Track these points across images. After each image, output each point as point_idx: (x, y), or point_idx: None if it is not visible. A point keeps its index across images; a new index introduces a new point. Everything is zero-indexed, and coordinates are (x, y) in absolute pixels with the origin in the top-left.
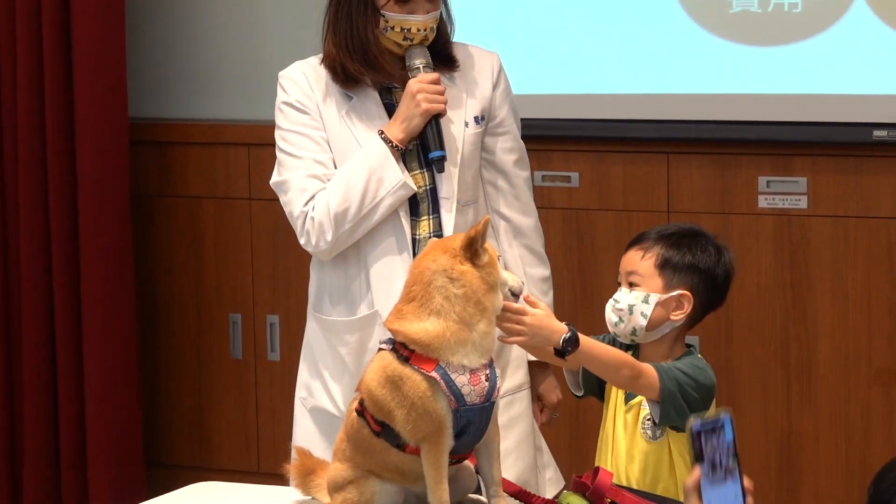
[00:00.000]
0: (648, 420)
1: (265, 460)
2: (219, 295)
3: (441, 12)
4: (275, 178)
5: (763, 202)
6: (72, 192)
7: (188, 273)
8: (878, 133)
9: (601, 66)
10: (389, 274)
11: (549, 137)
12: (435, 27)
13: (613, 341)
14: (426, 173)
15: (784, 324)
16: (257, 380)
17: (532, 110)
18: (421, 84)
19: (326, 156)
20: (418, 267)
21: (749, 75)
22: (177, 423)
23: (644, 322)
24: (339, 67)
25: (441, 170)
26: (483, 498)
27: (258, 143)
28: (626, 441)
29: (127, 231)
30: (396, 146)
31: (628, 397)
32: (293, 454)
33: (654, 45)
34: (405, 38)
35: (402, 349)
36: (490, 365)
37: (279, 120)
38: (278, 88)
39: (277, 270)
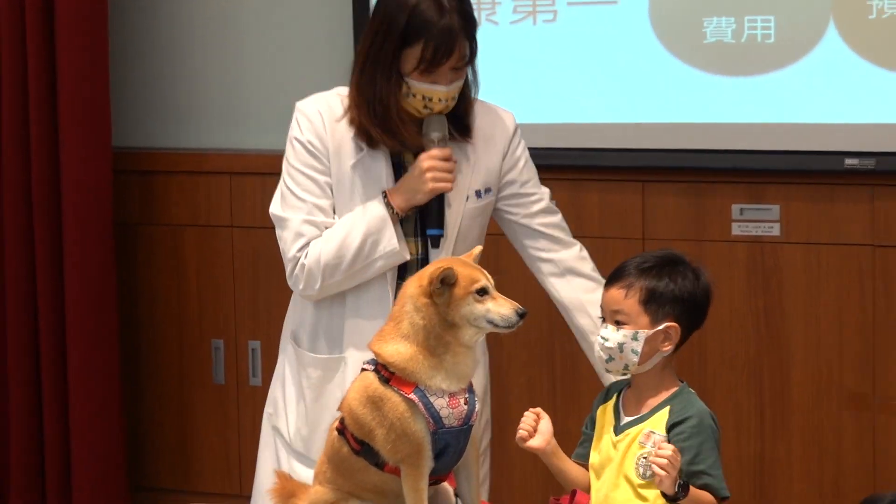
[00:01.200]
0: (644, 458)
1: (247, 484)
2: (201, 321)
3: (467, 75)
4: (275, 209)
5: (736, 229)
6: (56, 220)
7: (171, 300)
8: (849, 161)
9: (578, 95)
10: (363, 328)
11: None
12: (456, 96)
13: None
14: (419, 242)
15: (757, 349)
16: (239, 404)
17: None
18: (432, 162)
19: (327, 202)
20: (403, 289)
21: (723, 105)
22: (160, 448)
23: (636, 358)
24: (359, 128)
25: (436, 245)
26: None
27: (240, 172)
28: (613, 470)
29: (110, 259)
30: (396, 213)
31: (619, 430)
32: (274, 478)
33: (630, 76)
34: (425, 107)
35: (384, 370)
36: (469, 389)
37: (289, 152)
38: (293, 119)
39: (259, 297)
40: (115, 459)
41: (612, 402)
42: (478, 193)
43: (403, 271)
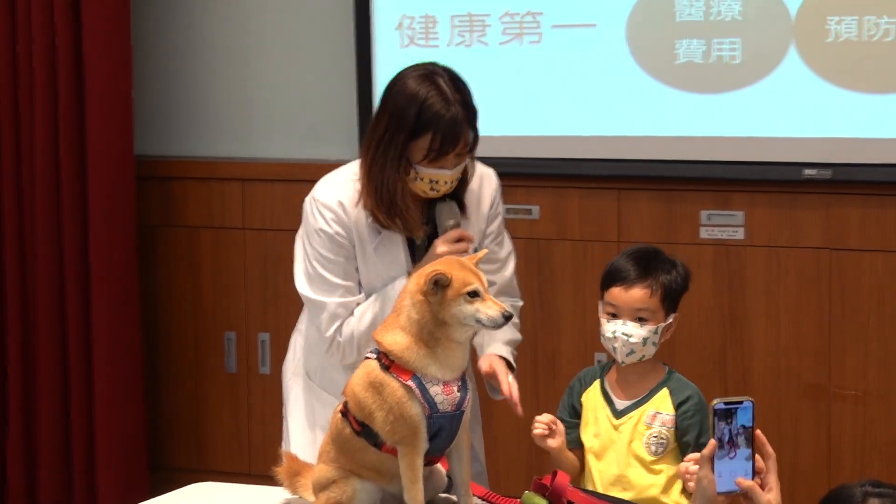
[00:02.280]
0: (655, 437)
1: (256, 463)
2: (214, 315)
3: (466, 163)
4: (306, 291)
5: (704, 233)
6: (83, 222)
7: (187, 295)
8: (807, 172)
9: (560, 110)
10: None
11: (513, 174)
12: (459, 176)
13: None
14: None
15: (722, 343)
16: (249, 391)
17: (498, 149)
18: (446, 247)
19: (355, 283)
20: (407, 283)
21: (692, 119)
22: (177, 431)
23: (654, 349)
24: (370, 212)
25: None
26: (453, 497)
27: (250, 178)
28: (621, 451)
29: (132, 258)
30: None
31: (619, 413)
32: (282, 458)
33: (608, 92)
34: (432, 189)
35: (384, 358)
36: (462, 378)
37: (313, 240)
38: (314, 212)
39: (268, 292)
40: (136, 440)
41: (596, 389)
42: (474, 251)
43: None
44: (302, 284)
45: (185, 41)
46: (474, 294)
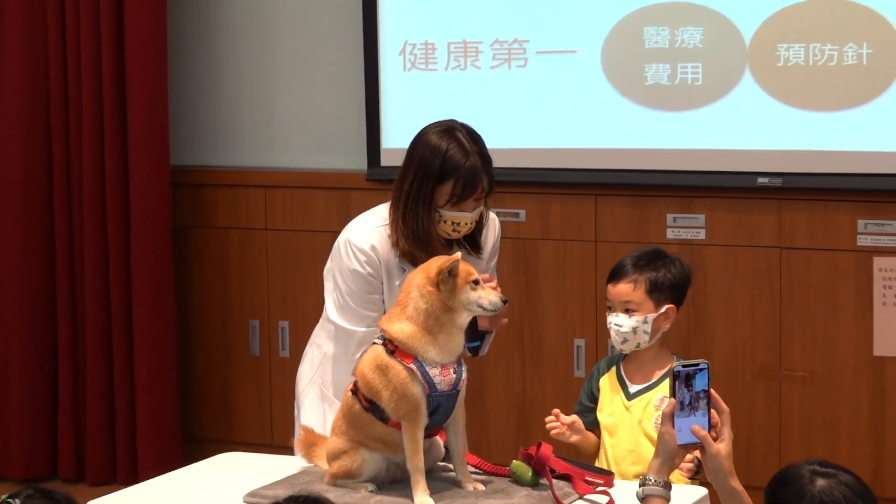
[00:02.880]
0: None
1: (277, 435)
2: (240, 305)
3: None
4: (338, 321)
5: (670, 234)
6: (126, 224)
7: (216, 287)
8: (761, 180)
9: (544, 125)
10: None
11: (502, 182)
12: (478, 218)
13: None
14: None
15: (686, 330)
16: (271, 372)
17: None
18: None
19: (381, 313)
20: (409, 279)
21: (660, 134)
22: (207, 407)
23: (647, 338)
24: (404, 252)
25: (475, 355)
26: (450, 465)
27: (272, 186)
28: (631, 429)
29: (168, 255)
30: None
31: (631, 396)
32: (299, 431)
33: (586, 110)
34: (454, 230)
35: (389, 344)
36: (458, 361)
37: (347, 277)
38: (349, 254)
39: (287, 286)
40: (171, 415)
41: (613, 374)
42: None
43: None
44: (334, 314)
45: (215, 66)
46: (476, 283)
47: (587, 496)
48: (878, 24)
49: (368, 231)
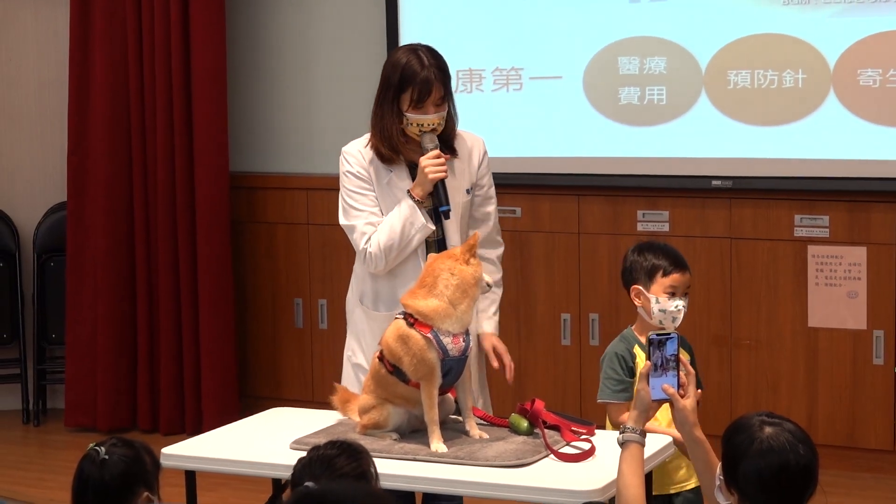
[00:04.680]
0: None
1: (318, 393)
2: (287, 286)
3: (449, 109)
4: (343, 221)
5: (640, 227)
6: (192, 220)
7: (266, 271)
8: (715, 182)
9: (536, 138)
10: (406, 289)
11: (501, 185)
12: (442, 122)
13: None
14: (438, 227)
15: None
16: (312, 341)
17: (491, 166)
18: (427, 160)
19: (377, 208)
20: (431, 265)
21: (631, 145)
22: (259, 369)
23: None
24: (378, 151)
25: (447, 217)
26: (460, 417)
27: (313, 188)
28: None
29: (227, 245)
30: (419, 201)
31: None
32: (336, 390)
33: (570, 125)
34: (420, 131)
35: (410, 318)
36: (466, 332)
37: (344, 181)
38: (342, 160)
39: (325, 271)
40: (230, 376)
41: (638, 350)
42: (467, 191)
43: (426, 253)
44: (341, 217)
45: (265, 89)
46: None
47: (573, 443)
48: (811, 54)
49: (356, 143)
